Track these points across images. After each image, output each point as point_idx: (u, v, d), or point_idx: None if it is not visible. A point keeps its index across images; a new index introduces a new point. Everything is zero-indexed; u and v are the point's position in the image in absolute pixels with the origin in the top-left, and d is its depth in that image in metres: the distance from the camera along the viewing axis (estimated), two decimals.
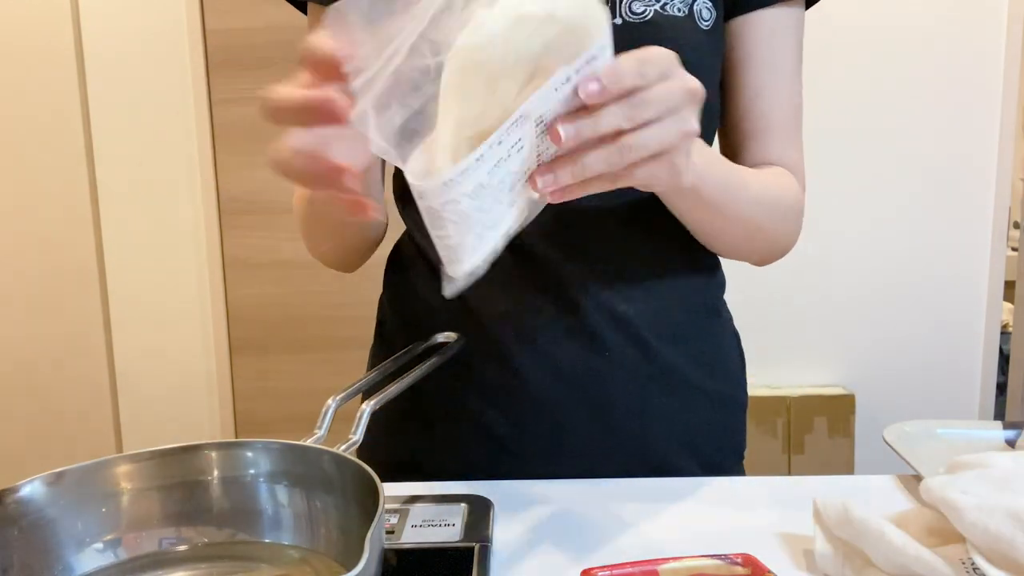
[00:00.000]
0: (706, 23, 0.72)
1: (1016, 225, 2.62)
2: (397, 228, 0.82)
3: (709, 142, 0.77)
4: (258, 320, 2.17)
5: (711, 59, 0.74)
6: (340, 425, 0.62)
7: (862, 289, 2.13)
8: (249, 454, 0.56)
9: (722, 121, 0.79)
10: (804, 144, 0.81)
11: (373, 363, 0.85)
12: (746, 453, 0.88)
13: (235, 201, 2.14)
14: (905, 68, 2.05)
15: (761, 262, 0.79)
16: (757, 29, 0.75)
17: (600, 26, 0.46)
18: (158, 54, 2.07)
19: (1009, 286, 2.23)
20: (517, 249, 0.74)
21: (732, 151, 0.79)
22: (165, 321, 2.16)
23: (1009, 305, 2.28)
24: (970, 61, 2.04)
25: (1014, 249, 2.39)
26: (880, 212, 2.10)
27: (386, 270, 0.86)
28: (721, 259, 0.82)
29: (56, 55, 2.07)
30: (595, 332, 0.74)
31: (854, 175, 2.08)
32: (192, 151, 2.10)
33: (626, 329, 0.75)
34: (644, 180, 0.52)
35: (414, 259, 0.81)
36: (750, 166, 0.77)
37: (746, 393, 0.85)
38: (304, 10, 0.80)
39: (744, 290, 2.11)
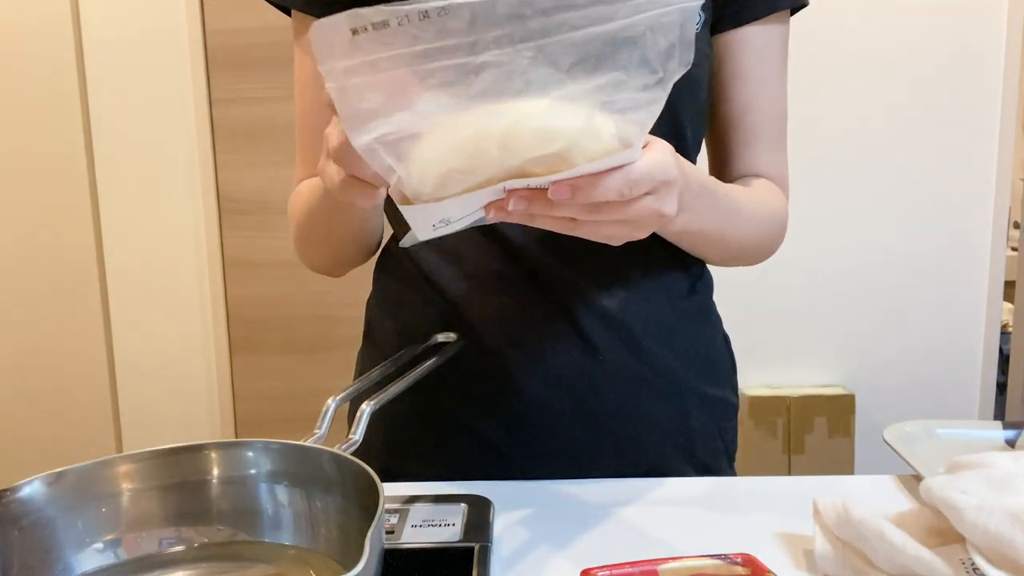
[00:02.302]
0: (696, 26, 0.72)
1: (1016, 225, 2.62)
2: (386, 230, 0.83)
3: (698, 145, 0.78)
4: (258, 320, 2.17)
5: (702, 61, 0.74)
6: (340, 425, 0.62)
7: (862, 289, 2.13)
8: (249, 454, 0.56)
9: (710, 131, 0.80)
10: (805, 145, 0.81)
11: (362, 366, 0.85)
12: (746, 453, 0.88)
13: (235, 201, 2.14)
14: (905, 68, 2.05)
15: (747, 265, 0.82)
16: (744, 44, 0.77)
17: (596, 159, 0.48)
18: (158, 54, 2.07)
19: (1009, 286, 2.22)
20: (508, 252, 0.74)
21: (721, 160, 0.80)
22: (165, 321, 2.16)
23: (1009, 305, 2.28)
24: (970, 61, 2.04)
25: (1014, 249, 2.39)
26: (880, 212, 2.10)
27: (375, 272, 0.86)
28: None
29: (56, 55, 2.07)
30: (587, 335, 0.74)
31: (854, 175, 2.08)
32: (192, 151, 2.10)
33: (617, 332, 0.75)
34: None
35: (404, 263, 0.81)
36: (739, 175, 0.78)
37: (737, 396, 0.85)
38: (289, 13, 0.81)
39: (744, 290, 2.12)
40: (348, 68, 0.43)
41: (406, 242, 0.61)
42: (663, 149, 0.53)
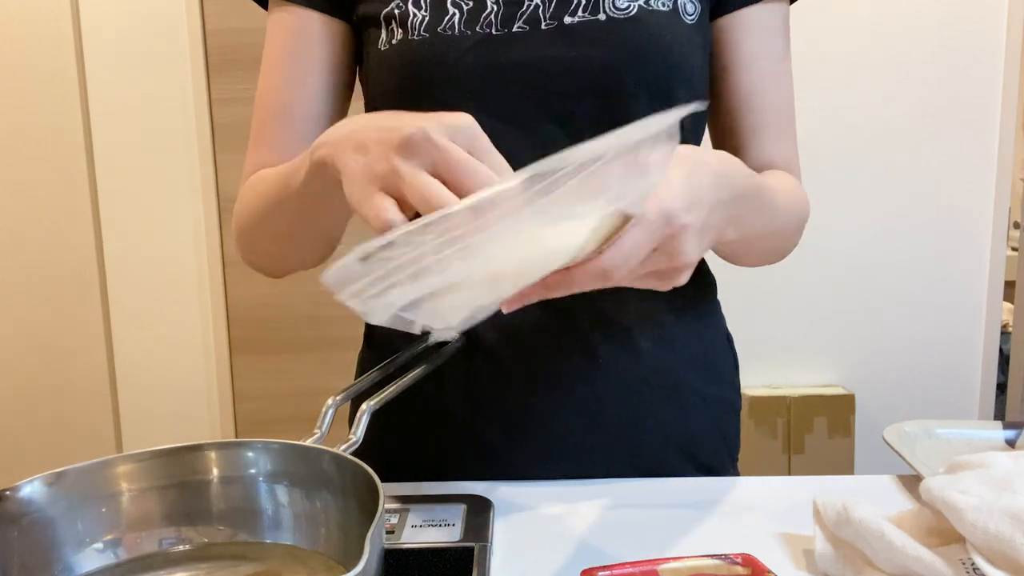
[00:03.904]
0: (691, 17, 0.72)
1: (1016, 225, 2.62)
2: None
3: (699, 138, 0.77)
4: (258, 320, 2.17)
5: (698, 53, 0.73)
6: (340, 425, 0.62)
7: (862, 289, 2.13)
8: (249, 454, 0.56)
9: (716, 122, 0.79)
10: (805, 145, 0.81)
11: (362, 367, 0.84)
12: (746, 453, 0.88)
13: (235, 201, 2.13)
14: (905, 68, 2.05)
15: (770, 264, 0.81)
16: (744, 28, 0.75)
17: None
18: (158, 54, 2.07)
19: (1009, 286, 2.23)
20: None
21: (729, 152, 0.79)
22: (165, 321, 2.16)
23: (1009, 305, 2.28)
24: (970, 61, 2.04)
25: (1014, 249, 2.39)
26: (880, 212, 2.10)
27: None
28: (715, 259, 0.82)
29: (56, 55, 2.07)
30: (586, 338, 0.74)
31: (854, 175, 2.08)
32: (192, 151, 2.10)
33: (617, 334, 0.74)
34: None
35: None
36: (750, 167, 0.77)
37: (739, 395, 0.85)
38: (265, 6, 0.79)
39: (744, 290, 2.12)
40: (365, 285, 0.45)
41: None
42: (660, 212, 0.50)
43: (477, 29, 0.69)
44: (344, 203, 0.59)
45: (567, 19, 0.69)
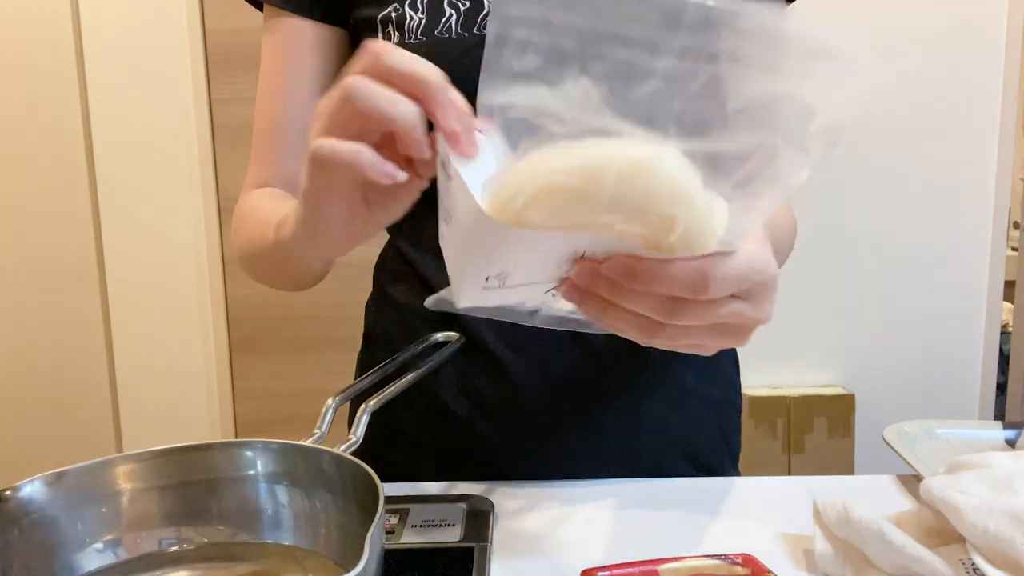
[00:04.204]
0: None
1: (1016, 225, 2.62)
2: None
3: None
4: (258, 320, 2.17)
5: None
6: (340, 425, 0.62)
7: (862, 289, 2.13)
8: (249, 454, 0.56)
9: None
10: None
11: (362, 368, 0.84)
12: (746, 453, 0.88)
13: (235, 201, 2.12)
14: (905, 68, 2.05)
15: None
16: None
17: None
18: (158, 54, 2.07)
19: (1009, 286, 2.23)
20: None
21: None
22: (165, 321, 2.16)
23: (1009, 305, 2.28)
24: (970, 61, 2.04)
25: (1014, 249, 2.39)
26: (880, 212, 2.10)
27: (374, 273, 0.85)
28: None
29: (56, 55, 2.07)
30: (587, 339, 0.74)
31: (854, 175, 2.08)
32: (192, 151, 2.10)
33: (618, 336, 0.74)
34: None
35: (401, 268, 0.80)
36: None
37: (740, 395, 0.85)
38: (260, 7, 0.78)
39: None
40: (519, 17, 0.37)
41: (432, 303, 0.55)
42: (764, 246, 0.45)
43: (474, 31, 0.69)
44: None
45: None
